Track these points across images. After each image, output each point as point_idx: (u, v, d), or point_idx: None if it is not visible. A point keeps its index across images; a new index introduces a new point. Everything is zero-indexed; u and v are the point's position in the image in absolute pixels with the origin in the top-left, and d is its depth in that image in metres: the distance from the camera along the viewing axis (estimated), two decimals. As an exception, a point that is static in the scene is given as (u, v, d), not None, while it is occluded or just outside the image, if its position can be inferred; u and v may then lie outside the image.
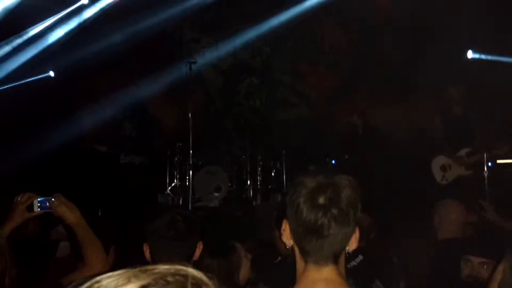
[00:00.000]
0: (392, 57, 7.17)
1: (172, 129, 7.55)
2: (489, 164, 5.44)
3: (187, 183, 6.99)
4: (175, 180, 7.10)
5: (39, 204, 2.11)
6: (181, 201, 6.92)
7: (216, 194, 6.99)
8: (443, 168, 5.58)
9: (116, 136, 7.30)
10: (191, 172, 6.25)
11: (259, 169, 7.22)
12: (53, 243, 2.98)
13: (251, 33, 7.85)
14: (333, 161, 6.71)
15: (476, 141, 5.49)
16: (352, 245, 1.37)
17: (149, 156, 7.22)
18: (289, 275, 1.61)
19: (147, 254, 2.07)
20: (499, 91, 6.14)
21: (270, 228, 3.47)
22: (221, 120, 8.53)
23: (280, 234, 2.69)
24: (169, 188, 7.10)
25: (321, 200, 1.28)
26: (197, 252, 2.08)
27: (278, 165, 7.17)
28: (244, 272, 2.52)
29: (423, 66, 6.59)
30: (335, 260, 1.34)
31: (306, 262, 1.36)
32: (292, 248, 1.41)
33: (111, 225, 2.79)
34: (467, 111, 5.60)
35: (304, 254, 1.36)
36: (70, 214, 2.14)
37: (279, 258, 2.85)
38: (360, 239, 1.41)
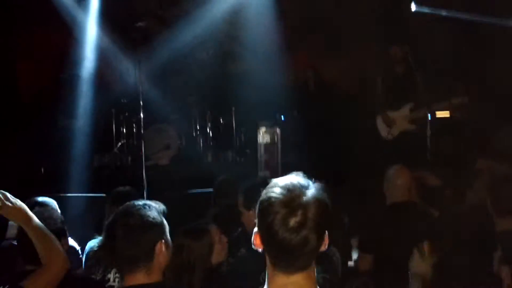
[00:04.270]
0: (341, 9, 7.07)
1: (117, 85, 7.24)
2: (429, 118, 5.68)
3: (135, 142, 6.82)
4: (122, 139, 6.90)
5: None
6: (129, 160, 6.77)
7: (165, 151, 6.89)
8: (388, 124, 5.77)
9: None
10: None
11: (209, 125, 7.15)
12: (1, 222, 2.79)
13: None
14: (282, 118, 6.75)
15: (418, 97, 5.69)
16: (321, 249, 1.40)
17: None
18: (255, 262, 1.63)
19: None
20: (440, 47, 6.32)
21: (228, 193, 3.49)
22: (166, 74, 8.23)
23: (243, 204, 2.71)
24: (117, 147, 6.90)
25: (291, 223, 1.33)
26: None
27: (227, 121, 7.12)
28: (217, 255, 2.49)
29: (370, 21, 6.61)
30: (305, 268, 1.39)
31: (275, 269, 1.40)
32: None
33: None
34: (410, 68, 5.73)
35: (274, 263, 1.40)
36: (16, 214, 1.99)
37: (240, 229, 2.87)
38: None
